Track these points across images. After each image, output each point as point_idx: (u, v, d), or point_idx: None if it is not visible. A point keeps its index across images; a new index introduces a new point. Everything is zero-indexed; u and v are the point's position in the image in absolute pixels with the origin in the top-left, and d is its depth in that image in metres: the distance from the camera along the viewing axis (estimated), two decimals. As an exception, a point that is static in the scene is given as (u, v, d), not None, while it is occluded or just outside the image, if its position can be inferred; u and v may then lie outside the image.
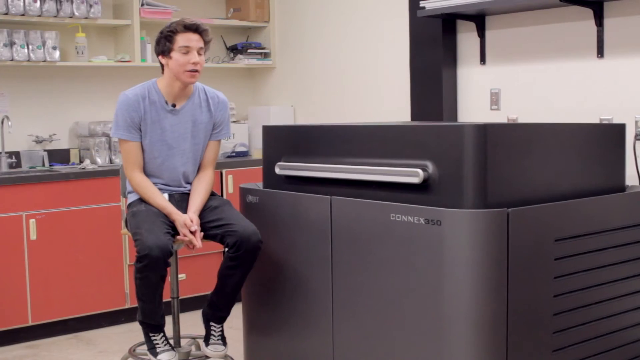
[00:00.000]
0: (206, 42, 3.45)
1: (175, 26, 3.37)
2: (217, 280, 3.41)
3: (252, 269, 3.34)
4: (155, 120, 3.44)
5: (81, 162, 4.96)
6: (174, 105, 3.46)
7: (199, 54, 3.39)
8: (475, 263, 2.62)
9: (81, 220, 4.53)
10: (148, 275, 3.18)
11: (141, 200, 3.46)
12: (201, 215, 3.42)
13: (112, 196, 4.59)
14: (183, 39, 3.36)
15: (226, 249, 3.33)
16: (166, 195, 3.46)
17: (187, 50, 3.36)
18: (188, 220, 3.35)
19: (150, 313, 3.34)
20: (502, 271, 2.64)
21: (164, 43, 3.39)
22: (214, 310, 3.47)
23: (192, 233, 3.34)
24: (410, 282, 2.78)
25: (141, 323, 3.39)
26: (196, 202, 3.44)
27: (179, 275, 3.64)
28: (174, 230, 3.35)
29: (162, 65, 3.45)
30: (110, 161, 4.94)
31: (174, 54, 3.37)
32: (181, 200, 3.49)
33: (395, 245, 2.81)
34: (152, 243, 3.14)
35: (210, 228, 3.39)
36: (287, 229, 3.28)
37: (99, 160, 4.90)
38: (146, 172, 3.50)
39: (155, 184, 3.48)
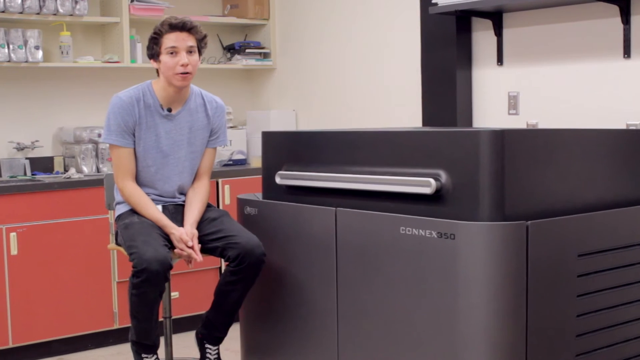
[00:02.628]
0: (199, 40, 3.45)
1: (160, 27, 3.39)
2: (215, 298, 3.42)
3: (253, 285, 3.35)
4: (150, 125, 3.45)
5: (66, 170, 4.97)
6: (169, 110, 3.48)
7: (190, 53, 3.41)
8: (491, 280, 2.62)
9: (66, 233, 4.54)
10: (146, 292, 3.19)
11: (132, 211, 3.46)
12: (199, 227, 3.43)
13: (99, 208, 4.60)
14: (169, 40, 3.38)
15: (227, 263, 3.35)
16: (159, 207, 3.47)
17: (174, 50, 3.38)
18: (184, 234, 3.36)
19: (146, 332, 3.34)
20: (521, 289, 2.64)
21: (152, 46, 3.43)
22: (210, 331, 3.48)
23: (190, 247, 3.36)
24: (422, 300, 2.78)
25: (134, 343, 3.39)
26: (193, 214, 3.45)
27: (172, 294, 3.65)
28: (170, 244, 3.37)
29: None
30: (97, 170, 4.95)
31: (162, 57, 3.39)
32: (175, 212, 3.50)
33: (405, 261, 2.82)
34: (151, 256, 3.14)
35: (209, 241, 3.40)
36: (288, 242, 3.29)
37: (85, 169, 4.91)
38: (138, 182, 3.51)
39: (147, 194, 3.49)
